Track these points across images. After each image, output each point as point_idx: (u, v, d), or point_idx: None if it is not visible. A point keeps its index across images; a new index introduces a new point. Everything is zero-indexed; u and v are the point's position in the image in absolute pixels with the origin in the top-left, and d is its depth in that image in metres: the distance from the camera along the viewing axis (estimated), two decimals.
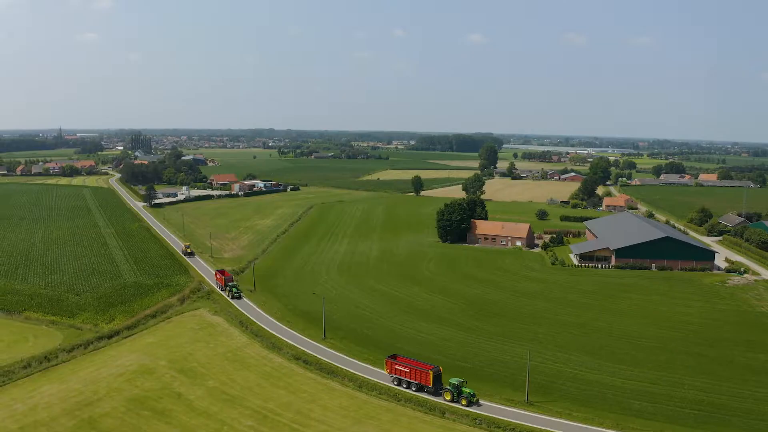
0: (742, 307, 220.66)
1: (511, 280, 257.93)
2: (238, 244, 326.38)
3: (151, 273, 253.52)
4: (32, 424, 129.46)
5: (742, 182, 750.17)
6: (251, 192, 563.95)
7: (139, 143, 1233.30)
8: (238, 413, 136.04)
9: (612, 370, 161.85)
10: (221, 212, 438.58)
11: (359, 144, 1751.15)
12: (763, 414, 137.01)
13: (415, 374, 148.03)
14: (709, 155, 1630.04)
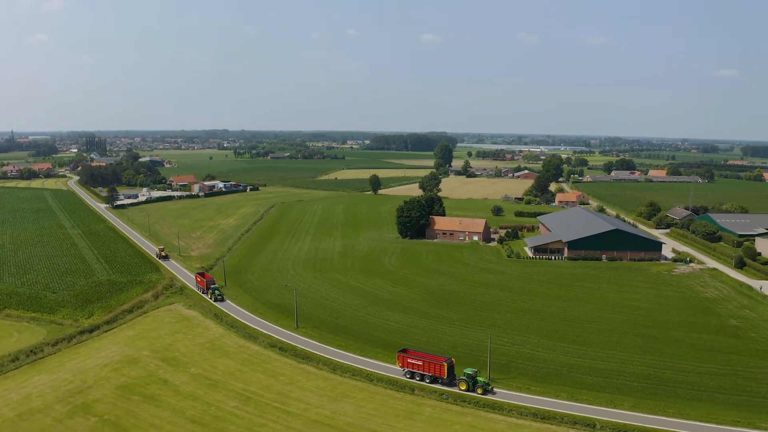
0: (687, 293, 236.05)
1: (470, 272, 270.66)
2: (204, 243, 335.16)
3: (124, 271, 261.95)
4: (28, 412, 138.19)
5: (691, 178, 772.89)
6: (211, 192, 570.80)
7: (94, 145, 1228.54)
8: (222, 396, 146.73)
9: (566, 350, 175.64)
10: (184, 213, 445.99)
11: (314, 144, 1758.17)
12: (704, 385, 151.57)
13: (429, 367, 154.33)
14: (659, 152, 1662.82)
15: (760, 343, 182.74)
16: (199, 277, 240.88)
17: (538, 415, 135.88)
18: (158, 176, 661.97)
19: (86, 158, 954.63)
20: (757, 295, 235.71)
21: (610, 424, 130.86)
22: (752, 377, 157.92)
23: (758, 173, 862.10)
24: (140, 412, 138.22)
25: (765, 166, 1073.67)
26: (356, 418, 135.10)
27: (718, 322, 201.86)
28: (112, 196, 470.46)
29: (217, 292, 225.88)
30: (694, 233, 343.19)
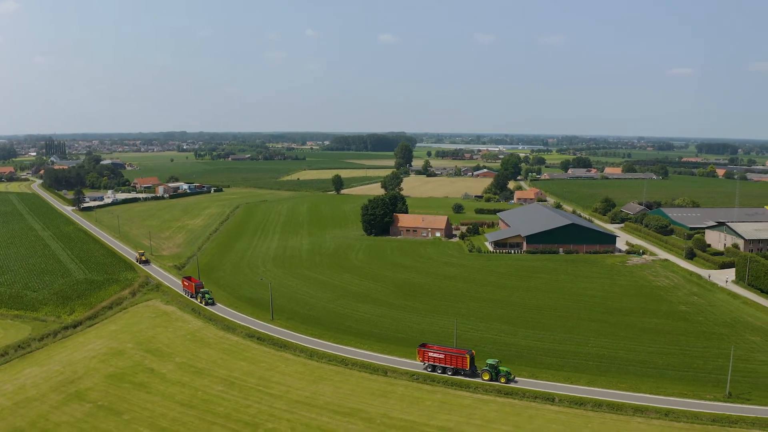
0: (639, 282, 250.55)
1: (434, 266, 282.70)
2: (173, 243, 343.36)
3: (99, 270, 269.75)
4: (25, 401, 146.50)
5: (645, 175, 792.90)
6: (176, 194, 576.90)
7: (54, 149, 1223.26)
8: (208, 381, 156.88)
9: (526, 335, 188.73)
10: (151, 214, 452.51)
11: (274, 145, 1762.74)
12: (654, 363, 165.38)
13: (451, 359, 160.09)
14: (616, 150, 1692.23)
15: (706, 326, 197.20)
16: (186, 281, 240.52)
17: (502, 391, 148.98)
18: (122, 179, 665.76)
19: (47, 161, 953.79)
20: (705, 283, 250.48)
21: (567, 398, 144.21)
22: (699, 355, 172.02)
23: (711, 169, 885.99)
24: (131, 398, 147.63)
25: (718, 162, 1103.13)
26: (335, 398, 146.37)
27: (668, 308, 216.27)
28: (79, 199, 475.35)
29: (208, 295, 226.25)
30: (647, 227, 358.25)
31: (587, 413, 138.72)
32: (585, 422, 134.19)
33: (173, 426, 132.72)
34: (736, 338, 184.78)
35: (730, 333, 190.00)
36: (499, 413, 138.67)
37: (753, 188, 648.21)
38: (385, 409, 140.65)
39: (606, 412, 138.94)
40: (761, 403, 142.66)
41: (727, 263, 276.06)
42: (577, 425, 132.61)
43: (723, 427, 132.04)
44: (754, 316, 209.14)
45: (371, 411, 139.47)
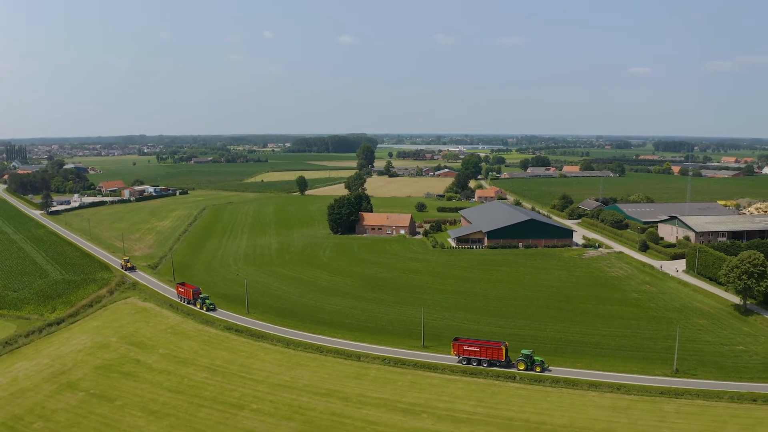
0: (595, 273, 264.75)
1: (399, 261, 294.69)
2: (144, 244, 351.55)
3: (76, 271, 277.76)
4: (19, 391, 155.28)
5: (602, 172, 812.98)
6: (142, 197, 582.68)
7: (15, 153, 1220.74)
8: (192, 369, 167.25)
9: (488, 322, 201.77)
10: (119, 216, 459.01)
11: (235, 148, 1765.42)
12: (607, 345, 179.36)
13: (487, 352, 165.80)
14: (574, 149, 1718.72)
15: (657, 311, 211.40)
16: (182, 287, 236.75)
17: (467, 371, 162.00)
18: (87, 182, 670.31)
19: (8, 166, 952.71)
20: (657, 272, 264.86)
21: (527, 376, 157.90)
22: (649, 337, 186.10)
23: (667, 166, 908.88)
24: (121, 386, 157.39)
25: (675, 160, 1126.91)
26: (312, 381, 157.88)
27: (621, 296, 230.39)
28: (47, 203, 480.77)
29: (208, 301, 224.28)
30: (603, 222, 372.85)
31: (546, 389, 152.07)
32: (543, 396, 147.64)
33: (164, 409, 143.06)
34: (684, 322, 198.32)
35: (679, 317, 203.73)
36: (465, 390, 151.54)
37: (707, 184, 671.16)
38: (360, 389, 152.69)
39: (563, 387, 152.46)
40: (705, 377, 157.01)
41: (678, 254, 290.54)
42: (536, 399, 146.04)
43: (670, 398, 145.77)
44: (701, 301, 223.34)
45: (347, 391, 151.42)
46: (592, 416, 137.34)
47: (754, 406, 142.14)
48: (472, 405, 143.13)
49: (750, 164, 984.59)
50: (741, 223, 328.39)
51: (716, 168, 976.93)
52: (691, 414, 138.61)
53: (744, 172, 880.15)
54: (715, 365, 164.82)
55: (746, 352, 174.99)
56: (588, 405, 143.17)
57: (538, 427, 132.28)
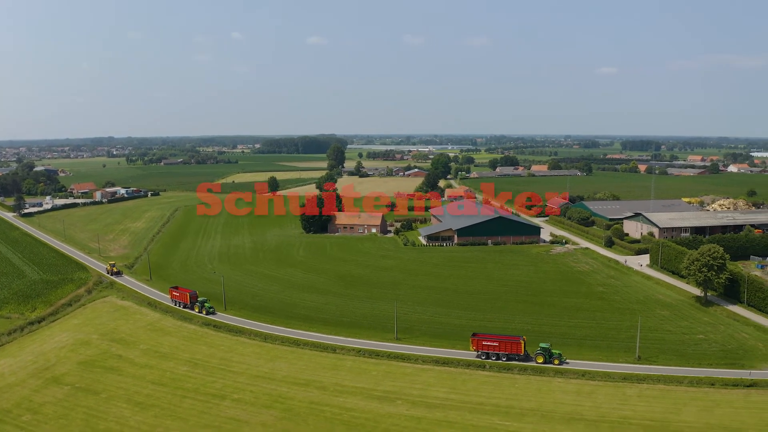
0: (562, 268, 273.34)
1: (372, 259, 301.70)
2: (119, 245, 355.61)
3: (53, 271, 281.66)
4: (6, 386, 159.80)
5: (570, 171, 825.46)
6: (114, 198, 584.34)
7: None
8: (173, 364, 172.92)
9: (459, 315, 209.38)
10: (92, 218, 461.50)
11: (205, 149, 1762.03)
12: (573, 335, 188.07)
13: (506, 346, 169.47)
14: (542, 148, 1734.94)
15: (621, 303, 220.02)
16: (176, 291, 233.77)
17: (439, 360, 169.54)
18: (58, 184, 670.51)
19: None
20: (622, 267, 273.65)
21: (496, 365, 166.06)
22: (613, 327, 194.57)
23: (633, 165, 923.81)
24: (105, 380, 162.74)
25: (641, 159, 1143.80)
26: (291, 372, 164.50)
27: (587, 289, 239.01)
28: (20, 205, 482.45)
29: (208, 304, 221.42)
30: (570, 219, 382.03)
31: (514, 376, 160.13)
32: (512, 383, 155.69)
33: (148, 401, 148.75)
34: (647, 313, 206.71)
35: (642, 308, 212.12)
36: (438, 378, 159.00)
37: (673, 182, 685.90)
38: (337, 379, 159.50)
39: (531, 374, 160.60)
40: (666, 364, 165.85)
41: (642, 249, 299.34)
42: (504, 385, 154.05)
43: (632, 383, 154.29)
44: (664, 294, 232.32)
45: (325, 381, 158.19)
46: (558, 400, 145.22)
47: (712, 389, 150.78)
48: (445, 392, 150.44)
49: (715, 162, 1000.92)
50: (704, 219, 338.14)
51: (682, 166, 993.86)
52: (652, 397, 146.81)
53: (709, 170, 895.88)
54: (676, 353, 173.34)
55: (705, 340, 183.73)
56: (554, 390, 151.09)
57: (507, 411, 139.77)
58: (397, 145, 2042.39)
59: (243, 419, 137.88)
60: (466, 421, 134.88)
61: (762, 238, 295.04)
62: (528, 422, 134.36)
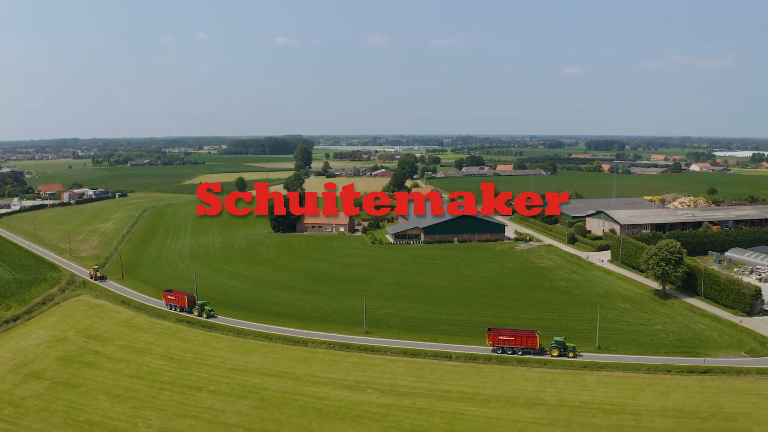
0: (525, 264, 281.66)
1: (340, 257, 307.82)
2: (89, 245, 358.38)
3: (25, 271, 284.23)
4: None
5: (535, 171, 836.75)
6: (82, 200, 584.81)
7: None
8: (149, 358, 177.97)
9: (426, 310, 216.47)
10: (61, 219, 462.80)
11: (171, 150, 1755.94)
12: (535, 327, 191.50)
13: (521, 340, 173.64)
14: (508, 148, 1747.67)
15: (582, 297, 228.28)
16: (171, 294, 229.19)
17: (407, 352, 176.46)
18: (25, 186, 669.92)
19: None
20: (584, 263, 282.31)
21: (463, 355, 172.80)
22: (575, 319, 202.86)
23: (597, 165, 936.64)
24: (83, 374, 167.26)
25: (605, 158, 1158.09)
26: (264, 364, 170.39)
27: (550, 284, 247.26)
28: None
29: (208, 307, 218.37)
30: (534, 217, 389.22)
31: (479, 365, 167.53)
32: (477, 372, 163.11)
33: (127, 393, 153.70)
34: (607, 306, 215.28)
35: (603, 302, 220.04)
36: (406, 369, 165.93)
37: (636, 181, 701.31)
38: (309, 370, 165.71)
39: (495, 364, 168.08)
40: (625, 352, 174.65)
41: (604, 246, 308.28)
42: (470, 374, 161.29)
43: (592, 371, 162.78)
44: (624, 288, 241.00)
45: (297, 372, 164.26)
46: (521, 387, 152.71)
47: (668, 376, 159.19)
48: (413, 381, 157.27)
49: (678, 162, 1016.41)
50: (664, 216, 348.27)
51: (645, 165, 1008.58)
52: (610, 383, 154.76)
53: (672, 169, 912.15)
54: (634, 342, 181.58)
55: (663, 330, 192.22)
56: (517, 378, 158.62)
57: (472, 397, 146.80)
58: (364, 146, 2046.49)
59: (220, 409, 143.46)
60: (434, 408, 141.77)
61: (720, 234, 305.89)
62: (492, 407, 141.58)
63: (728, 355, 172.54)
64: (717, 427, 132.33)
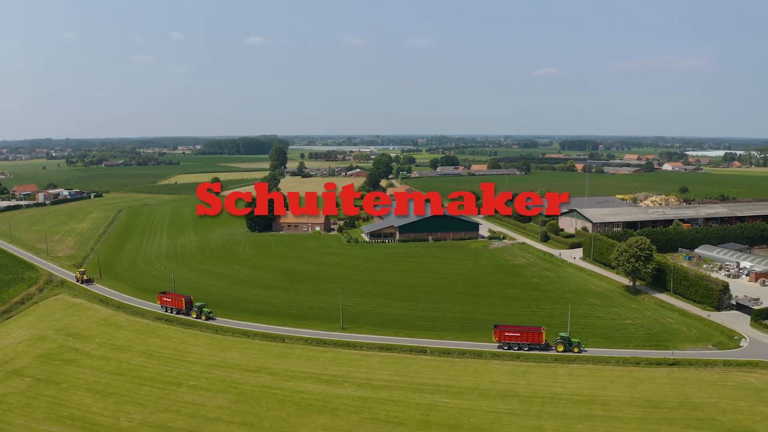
0: (499, 262, 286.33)
1: (316, 255, 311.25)
2: (66, 245, 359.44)
3: (3, 271, 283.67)
4: None
5: (509, 170, 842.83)
6: (58, 200, 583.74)
7: None
8: (129, 355, 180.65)
9: (401, 306, 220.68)
10: (36, 220, 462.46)
11: (145, 151, 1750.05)
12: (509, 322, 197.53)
13: (527, 336, 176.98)
14: (483, 148, 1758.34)
15: (555, 293, 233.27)
16: (167, 297, 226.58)
17: (383, 347, 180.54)
18: (0, 187, 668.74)
19: None
20: (556, 260, 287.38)
21: (437, 349, 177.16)
22: (547, 315, 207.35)
23: (570, 164, 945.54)
24: (65, 371, 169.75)
25: (579, 158, 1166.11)
26: (243, 360, 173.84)
27: (523, 281, 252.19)
28: None
29: (206, 309, 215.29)
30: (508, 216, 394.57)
31: (453, 359, 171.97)
32: (451, 365, 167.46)
33: (108, 389, 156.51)
34: (579, 301, 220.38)
35: (575, 297, 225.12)
36: (382, 363, 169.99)
37: (608, 180, 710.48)
38: (287, 365, 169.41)
39: (469, 358, 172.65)
40: (595, 346, 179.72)
41: (576, 243, 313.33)
42: (444, 368, 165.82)
43: (563, 364, 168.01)
44: (595, 284, 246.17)
45: (275, 368, 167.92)
46: (494, 380, 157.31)
47: (637, 368, 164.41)
48: (389, 374, 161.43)
49: (650, 161, 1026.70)
50: (635, 214, 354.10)
51: (618, 165, 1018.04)
52: (581, 375, 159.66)
53: (644, 168, 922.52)
54: (605, 336, 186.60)
55: (633, 325, 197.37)
56: (491, 371, 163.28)
57: (447, 389, 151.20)
58: (339, 146, 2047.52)
59: (200, 403, 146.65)
60: (409, 400, 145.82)
61: (690, 231, 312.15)
62: (466, 399, 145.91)
63: (696, 348, 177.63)
64: (684, 416, 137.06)
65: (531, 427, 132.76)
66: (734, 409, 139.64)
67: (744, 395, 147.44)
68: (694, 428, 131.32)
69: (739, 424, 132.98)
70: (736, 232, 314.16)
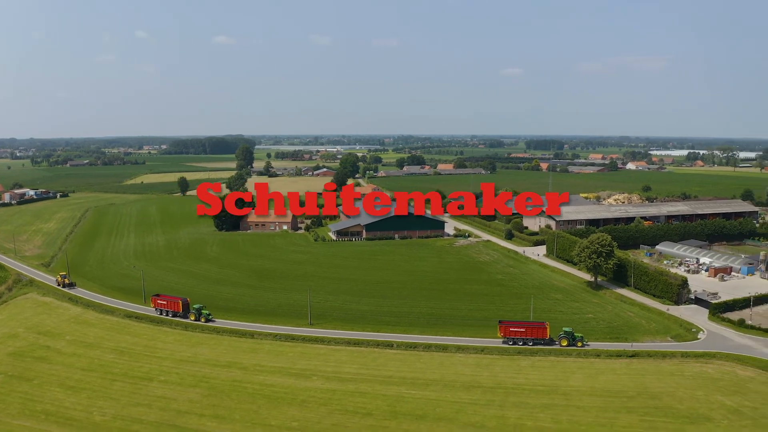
0: (464, 259, 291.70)
1: (284, 254, 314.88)
2: (33, 245, 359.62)
3: None
4: None
5: (475, 170, 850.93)
6: (23, 200, 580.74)
7: None
8: (100, 352, 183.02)
9: (368, 303, 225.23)
10: (2, 219, 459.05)
11: (110, 150, 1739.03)
12: (473, 317, 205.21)
13: (532, 331, 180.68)
14: (449, 148, 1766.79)
15: (518, 289, 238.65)
16: (162, 299, 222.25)
17: (351, 342, 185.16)
18: None
19: None
20: (520, 257, 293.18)
21: (404, 344, 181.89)
22: (510, 309, 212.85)
23: (536, 164, 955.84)
24: (36, 368, 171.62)
25: (544, 157, 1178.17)
26: (213, 356, 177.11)
27: (487, 277, 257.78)
28: None
29: (205, 311, 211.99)
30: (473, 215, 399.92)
31: (419, 353, 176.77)
32: (417, 358, 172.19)
33: (80, 385, 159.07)
34: (542, 297, 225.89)
35: (538, 293, 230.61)
36: (350, 357, 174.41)
37: (573, 179, 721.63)
38: (257, 360, 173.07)
39: (434, 351, 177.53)
40: None
41: (540, 241, 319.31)
42: (411, 361, 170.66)
43: (526, 356, 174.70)
44: (558, 280, 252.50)
45: (245, 362, 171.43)
46: (459, 372, 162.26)
47: (598, 360, 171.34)
48: (356, 368, 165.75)
49: (614, 160, 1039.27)
50: (598, 212, 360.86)
51: (583, 164, 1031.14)
52: (543, 367, 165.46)
53: (608, 167, 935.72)
54: None
55: (594, 319, 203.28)
56: (455, 364, 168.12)
57: (413, 381, 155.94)
58: (306, 146, 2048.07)
59: (171, 397, 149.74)
60: (377, 392, 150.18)
61: (651, 228, 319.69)
62: (432, 390, 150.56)
63: (655, 341, 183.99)
64: (642, 404, 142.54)
65: (494, 416, 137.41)
66: (691, 398, 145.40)
67: (701, 385, 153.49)
68: (652, 416, 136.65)
69: (696, 411, 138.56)
70: (696, 230, 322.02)
